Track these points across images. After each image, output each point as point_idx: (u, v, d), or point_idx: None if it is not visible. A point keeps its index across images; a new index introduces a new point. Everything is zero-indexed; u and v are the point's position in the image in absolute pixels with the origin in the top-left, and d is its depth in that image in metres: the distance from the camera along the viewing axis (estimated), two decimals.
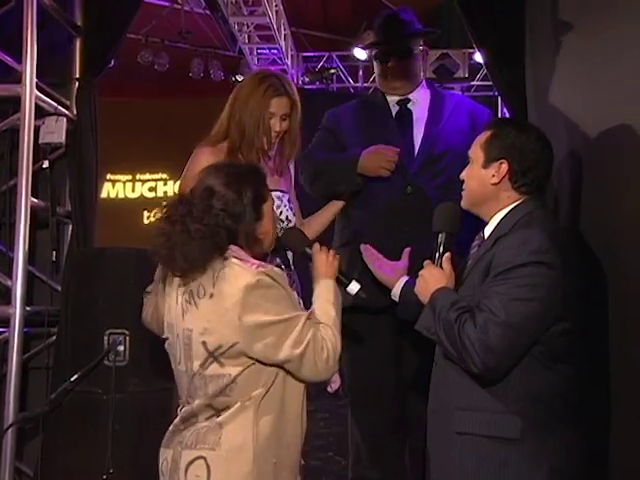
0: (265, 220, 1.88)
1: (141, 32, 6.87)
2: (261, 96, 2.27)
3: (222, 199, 1.81)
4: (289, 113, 2.30)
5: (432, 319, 1.79)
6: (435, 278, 1.85)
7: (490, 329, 1.68)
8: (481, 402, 1.75)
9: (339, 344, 1.82)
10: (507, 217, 1.86)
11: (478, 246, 1.93)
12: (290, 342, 1.75)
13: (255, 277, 1.75)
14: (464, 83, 7.59)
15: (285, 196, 2.33)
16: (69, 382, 2.86)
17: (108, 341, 2.87)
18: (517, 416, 1.72)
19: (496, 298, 1.71)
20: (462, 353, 1.71)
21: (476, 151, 1.90)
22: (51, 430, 2.94)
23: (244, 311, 1.73)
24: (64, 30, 3.41)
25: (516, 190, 1.86)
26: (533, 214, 1.84)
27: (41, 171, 3.31)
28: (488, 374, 1.72)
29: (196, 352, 1.79)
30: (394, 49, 2.68)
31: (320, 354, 1.77)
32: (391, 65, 2.68)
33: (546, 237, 1.75)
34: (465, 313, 1.73)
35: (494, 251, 1.80)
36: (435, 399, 1.90)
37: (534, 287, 1.70)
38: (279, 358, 1.76)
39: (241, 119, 2.27)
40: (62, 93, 3.42)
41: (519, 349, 1.71)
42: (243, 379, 1.76)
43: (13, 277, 3.05)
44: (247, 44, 7.17)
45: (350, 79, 7.90)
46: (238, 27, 6.78)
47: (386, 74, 2.70)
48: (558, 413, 1.75)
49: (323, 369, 1.79)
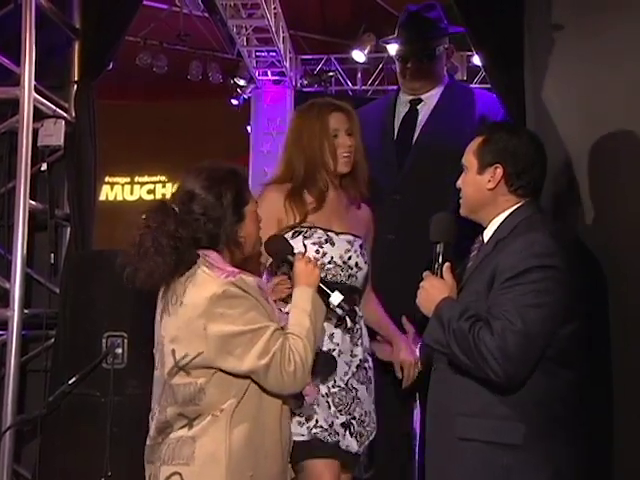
0: (247, 222, 1.87)
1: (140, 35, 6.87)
2: (315, 118, 2.18)
3: (202, 202, 1.81)
4: (351, 128, 2.19)
5: (441, 331, 1.76)
6: (437, 289, 1.83)
7: (508, 337, 1.67)
8: (485, 408, 1.75)
9: (310, 357, 1.78)
10: (506, 221, 1.86)
11: (477, 249, 1.93)
12: (255, 352, 1.72)
13: (222, 287, 1.73)
14: None
15: (357, 241, 2.21)
16: (67, 385, 2.85)
17: (106, 344, 2.86)
18: (521, 422, 1.72)
19: (509, 305, 1.70)
20: (479, 362, 1.69)
21: (469, 158, 1.90)
22: (49, 432, 2.93)
23: (209, 321, 1.72)
24: (63, 33, 3.41)
25: (513, 193, 1.87)
26: (532, 217, 1.85)
27: (39, 174, 3.31)
28: (508, 382, 1.70)
29: (167, 359, 1.80)
30: (414, 51, 2.63)
31: (287, 366, 1.74)
32: (410, 66, 2.63)
33: (551, 240, 1.76)
34: (477, 322, 1.72)
35: (497, 255, 1.79)
36: (435, 404, 1.89)
37: (546, 292, 1.70)
38: (243, 369, 1.73)
39: (300, 152, 2.17)
40: (61, 96, 3.42)
41: (536, 355, 1.71)
42: (212, 388, 1.75)
43: (11, 279, 3.05)
44: (246, 47, 7.16)
45: (349, 82, 7.89)
46: (237, 30, 6.77)
47: (405, 74, 2.66)
48: (560, 416, 1.75)
49: (290, 382, 1.76)
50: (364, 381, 2.21)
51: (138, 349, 2.81)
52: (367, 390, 2.22)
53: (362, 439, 2.18)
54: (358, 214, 2.28)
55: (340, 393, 2.15)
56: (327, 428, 2.11)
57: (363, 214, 2.31)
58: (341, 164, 2.20)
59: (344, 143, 2.18)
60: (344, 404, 2.15)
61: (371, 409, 2.23)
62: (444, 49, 2.73)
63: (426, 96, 2.68)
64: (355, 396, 2.18)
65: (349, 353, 2.19)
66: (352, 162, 2.21)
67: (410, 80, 2.66)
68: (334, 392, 2.15)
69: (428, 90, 2.67)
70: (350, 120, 2.20)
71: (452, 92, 2.73)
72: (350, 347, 2.19)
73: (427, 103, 2.67)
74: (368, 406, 2.21)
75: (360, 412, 2.18)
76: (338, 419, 2.14)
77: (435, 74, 2.69)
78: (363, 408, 2.19)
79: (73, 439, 2.84)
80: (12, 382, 2.99)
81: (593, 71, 2.13)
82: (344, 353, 2.17)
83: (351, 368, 2.19)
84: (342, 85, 7.90)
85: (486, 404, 1.74)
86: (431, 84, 2.67)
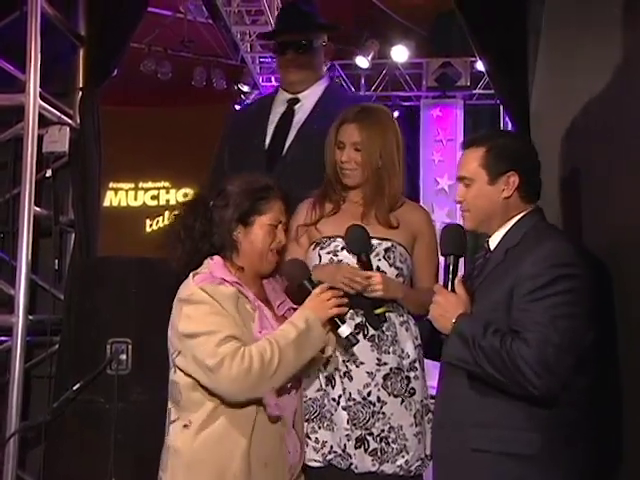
0: (253, 230, 1.92)
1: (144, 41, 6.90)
2: (333, 127, 2.18)
3: (221, 197, 1.94)
4: (362, 143, 2.13)
5: (465, 349, 1.72)
6: (452, 304, 1.79)
7: (546, 350, 1.65)
8: (499, 419, 1.72)
9: (275, 365, 1.77)
10: (514, 228, 1.85)
11: (483, 258, 1.91)
12: (206, 353, 1.77)
13: (191, 290, 1.84)
14: (466, 91, 7.60)
15: (382, 244, 2.13)
16: (71, 391, 2.85)
17: (111, 350, 2.86)
18: (536, 432, 1.70)
19: (541, 316, 1.67)
20: (516, 377, 1.66)
21: (475, 170, 1.85)
22: (53, 439, 2.93)
23: (179, 321, 1.83)
24: (67, 40, 3.42)
25: (522, 199, 1.85)
26: (540, 225, 1.84)
27: (44, 180, 3.32)
28: (548, 394, 1.67)
29: (170, 358, 1.91)
30: (293, 40, 2.59)
31: (238, 367, 1.75)
32: (289, 57, 2.59)
33: (571, 247, 1.75)
34: (506, 335, 1.69)
35: (514, 264, 1.76)
36: (444, 414, 1.86)
37: (575, 302, 1.69)
38: (192, 367, 1.80)
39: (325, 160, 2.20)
40: (65, 102, 3.43)
41: (572, 366, 1.69)
42: (186, 391, 1.83)
43: (16, 286, 3.05)
44: (249, 53, 7.20)
45: (352, 87, 7.90)
46: (240, 36, 6.81)
47: (283, 65, 2.62)
48: (572, 422, 1.74)
49: (241, 384, 1.76)
50: (399, 393, 2.07)
51: (142, 355, 2.82)
52: (402, 403, 2.07)
53: (384, 457, 2.03)
54: (395, 217, 2.18)
55: (356, 406, 2.05)
56: (341, 453, 2.04)
57: (405, 216, 2.19)
58: (344, 177, 2.19)
59: (342, 157, 2.16)
60: (359, 419, 2.05)
61: (406, 424, 2.06)
62: (322, 44, 2.66)
63: (304, 95, 2.61)
64: (377, 410, 2.05)
65: (373, 362, 2.07)
66: (358, 176, 2.16)
67: (289, 71, 2.60)
68: (350, 405, 2.05)
69: (307, 87, 2.60)
70: (361, 134, 2.14)
71: (331, 94, 2.66)
72: (374, 356, 2.08)
73: (304, 103, 2.60)
74: (399, 421, 2.05)
75: (381, 428, 2.05)
76: (353, 433, 2.04)
77: (313, 68, 2.62)
78: (389, 423, 2.05)
79: (77, 445, 2.84)
80: (16, 388, 2.99)
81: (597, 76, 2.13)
82: (365, 363, 2.07)
83: (375, 379, 2.07)
84: (345, 91, 7.91)
85: (500, 414, 1.72)
86: (309, 79, 2.60)
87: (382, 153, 2.15)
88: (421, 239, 2.19)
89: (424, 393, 2.13)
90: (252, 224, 1.92)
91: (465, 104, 7.69)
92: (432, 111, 7.69)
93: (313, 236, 2.20)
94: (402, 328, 2.13)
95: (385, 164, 2.16)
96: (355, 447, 2.05)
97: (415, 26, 7.76)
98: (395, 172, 2.18)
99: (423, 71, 7.70)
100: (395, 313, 2.13)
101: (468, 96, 7.66)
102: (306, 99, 2.61)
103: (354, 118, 2.16)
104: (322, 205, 2.21)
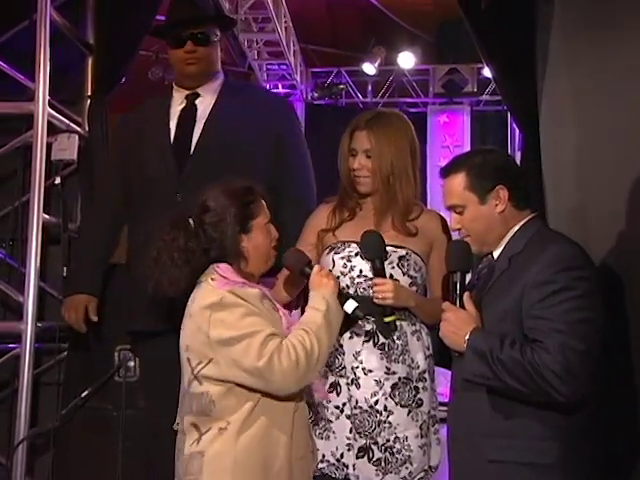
0: (254, 235, 1.92)
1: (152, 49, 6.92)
2: (345, 134, 2.18)
3: (211, 214, 1.90)
4: (373, 150, 2.12)
5: (483, 364, 1.70)
6: (462, 320, 1.78)
7: (570, 356, 1.64)
8: (516, 428, 1.71)
9: (316, 351, 1.79)
10: (516, 236, 1.84)
11: (487, 267, 1.90)
12: (253, 354, 1.74)
13: (219, 295, 1.80)
14: (473, 98, 7.61)
15: (397, 252, 2.12)
16: (80, 398, 2.86)
17: (119, 357, 2.87)
18: (554, 440, 1.69)
19: (559, 322, 1.66)
20: (542, 386, 1.64)
21: (463, 196, 1.84)
22: (62, 446, 2.94)
23: (210, 328, 1.78)
24: (76, 48, 3.44)
25: (516, 208, 1.85)
26: (542, 230, 1.84)
27: (53, 187, 3.32)
28: (574, 400, 1.66)
29: (185, 368, 1.85)
30: (191, 32, 2.46)
31: (287, 360, 1.75)
32: (188, 49, 2.46)
33: (578, 250, 1.75)
34: (524, 346, 1.67)
35: (521, 272, 1.75)
36: (457, 425, 1.85)
37: (590, 306, 1.69)
38: (233, 373, 1.76)
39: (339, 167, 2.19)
40: (74, 110, 3.44)
41: (595, 369, 1.69)
42: (221, 399, 1.78)
43: (25, 293, 3.05)
44: (257, 60, 7.23)
45: (359, 94, 7.93)
46: (248, 43, 6.83)
47: (181, 58, 2.48)
48: (582, 428, 1.73)
49: (293, 376, 1.76)
50: (407, 403, 2.05)
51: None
52: (409, 414, 2.05)
53: (388, 467, 2.02)
54: (413, 225, 2.17)
55: (362, 415, 2.04)
56: (334, 462, 2.04)
57: (422, 224, 2.18)
58: (357, 184, 2.18)
59: (354, 164, 2.15)
60: (364, 427, 2.04)
61: (411, 435, 2.04)
62: (217, 39, 2.56)
63: (203, 89, 2.51)
64: (383, 420, 2.04)
65: (382, 371, 2.06)
66: (371, 183, 2.15)
67: (188, 64, 2.47)
68: (355, 413, 2.04)
69: (206, 81, 2.51)
70: (372, 140, 2.13)
71: (231, 87, 2.57)
72: (384, 364, 2.06)
73: (205, 97, 2.50)
74: (405, 432, 2.04)
75: (387, 437, 2.03)
76: (356, 442, 2.03)
77: (212, 61, 2.52)
78: (395, 433, 2.03)
79: (86, 452, 2.84)
80: (25, 395, 2.99)
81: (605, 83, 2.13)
82: (372, 371, 2.06)
83: (383, 388, 2.05)
84: (352, 97, 7.94)
85: (517, 424, 1.71)
86: (209, 72, 2.51)
87: (393, 160, 2.13)
88: (437, 247, 2.16)
89: (432, 404, 2.12)
90: (251, 229, 1.92)
91: (472, 110, 7.70)
92: (439, 117, 7.70)
93: (328, 240, 2.20)
94: (413, 337, 2.11)
95: (397, 171, 2.14)
96: (357, 456, 2.03)
97: (421, 33, 7.77)
98: (408, 179, 2.15)
99: (430, 77, 7.71)
100: (407, 322, 2.12)
101: (475, 102, 7.66)
102: (206, 93, 2.51)
103: (366, 125, 2.15)
104: (341, 211, 2.21)
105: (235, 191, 1.92)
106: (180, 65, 2.52)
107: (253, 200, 1.94)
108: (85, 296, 2.59)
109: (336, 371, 2.10)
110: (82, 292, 2.60)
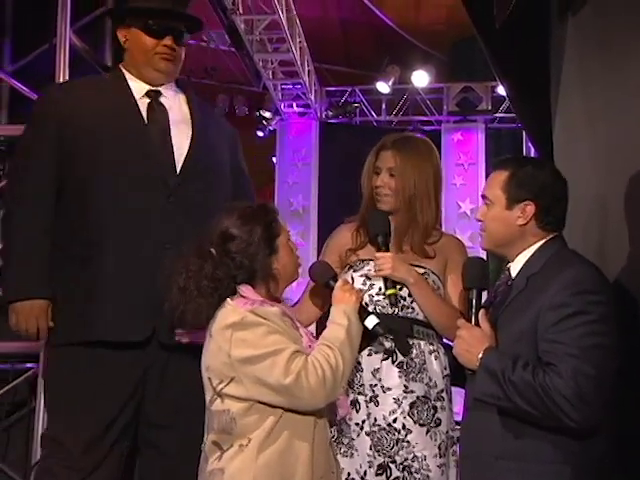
0: (281, 254, 1.92)
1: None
2: (371, 154, 2.21)
3: (236, 241, 1.87)
4: (397, 169, 2.14)
5: (494, 384, 1.69)
6: (476, 339, 1.77)
7: (582, 382, 1.62)
8: (528, 451, 1.69)
9: (341, 367, 1.79)
10: (535, 255, 1.84)
11: (505, 284, 1.90)
12: (279, 373, 1.74)
13: (240, 315, 1.79)
14: (487, 115, 7.61)
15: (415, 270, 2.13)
16: None
17: None
18: (566, 464, 1.67)
19: (573, 346, 1.65)
20: (552, 410, 1.63)
21: (495, 192, 1.87)
22: None
23: (232, 348, 1.78)
24: (95, 71, 3.49)
25: (542, 228, 1.85)
26: (561, 252, 1.83)
27: None
28: (587, 426, 1.65)
29: (207, 387, 1.85)
30: (173, 27, 2.29)
31: (315, 377, 1.75)
32: (167, 44, 2.27)
33: (596, 273, 1.74)
34: (537, 368, 1.66)
35: (537, 293, 1.75)
36: (469, 446, 1.84)
37: (605, 332, 1.67)
38: (256, 391, 1.75)
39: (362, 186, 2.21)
40: None
41: (606, 395, 1.67)
42: (242, 417, 1.78)
43: None
44: (271, 80, 7.28)
45: (373, 113, 7.96)
46: (262, 63, 6.89)
47: (156, 52, 2.28)
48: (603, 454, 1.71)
49: (321, 392, 1.76)
50: (425, 422, 2.05)
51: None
52: (428, 433, 2.05)
53: None
54: (432, 248, 2.18)
55: (380, 433, 2.04)
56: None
57: (440, 247, 2.19)
58: (378, 202, 2.20)
59: (377, 181, 2.17)
60: (383, 445, 2.03)
61: (430, 454, 2.03)
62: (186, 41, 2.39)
63: (164, 89, 2.32)
64: (401, 438, 2.04)
65: (400, 389, 2.07)
66: (392, 202, 2.17)
67: (163, 59, 2.28)
68: (374, 431, 2.04)
69: (165, 82, 2.33)
70: (398, 160, 2.15)
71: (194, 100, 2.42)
72: (402, 382, 2.07)
73: (168, 99, 2.32)
74: (424, 451, 2.03)
75: (405, 456, 2.03)
76: (375, 460, 2.03)
77: (180, 64, 2.36)
78: (413, 452, 2.03)
79: None
80: (42, 414, 3.01)
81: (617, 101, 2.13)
82: (391, 389, 2.07)
83: (402, 406, 2.05)
84: (367, 116, 7.97)
85: (527, 447, 1.69)
86: (175, 74, 2.36)
87: (416, 181, 2.16)
88: (450, 265, 2.18)
89: (450, 424, 2.11)
90: (278, 249, 1.92)
91: (487, 127, 7.69)
92: (453, 135, 7.70)
93: (349, 259, 2.21)
94: (431, 357, 2.12)
95: (419, 193, 2.16)
96: (376, 474, 2.02)
97: (435, 51, 7.81)
98: (429, 203, 2.17)
99: (444, 96, 7.73)
100: (425, 341, 2.12)
101: (490, 120, 7.66)
102: (168, 93, 2.34)
103: (392, 145, 2.19)
104: (365, 230, 2.22)
105: (253, 213, 1.92)
106: (151, 57, 2.29)
107: (273, 219, 1.94)
108: (45, 302, 2.18)
109: (355, 388, 2.10)
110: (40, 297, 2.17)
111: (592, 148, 2.37)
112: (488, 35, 3.07)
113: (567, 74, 2.66)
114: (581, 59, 2.52)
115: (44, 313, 2.17)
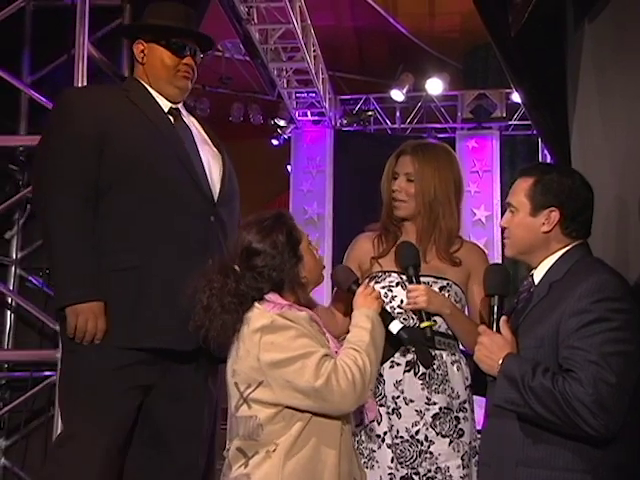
0: (306, 260, 1.91)
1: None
2: (390, 159, 2.20)
3: (261, 255, 1.87)
4: (415, 174, 2.13)
5: (514, 391, 1.69)
6: (497, 345, 1.77)
7: (602, 389, 1.61)
8: (548, 458, 1.68)
9: (369, 369, 1.79)
10: (558, 262, 1.83)
11: (527, 291, 1.89)
12: (309, 376, 1.74)
13: (269, 319, 1.79)
14: (502, 123, 7.59)
15: (438, 283, 2.12)
16: None
17: None
18: (587, 473, 1.65)
19: (594, 353, 1.64)
20: (572, 418, 1.62)
21: (520, 199, 1.87)
22: None
23: (261, 351, 1.77)
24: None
25: (566, 235, 1.84)
26: (585, 259, 1.82)
27: None
28: (607, 434, 1.63)
29: (232, 393, 1.85)
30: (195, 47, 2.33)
31: (345, 380, 1.75)
32: (187, 62, 2.30)
33: (619, 280, 1.73)
34: (557, 375, 1.65)
35: (559, 299, 1.74)
36: (489, 452, 1.83)
37: (627, 339, 1.66)
38: (286, 394, 1.75)
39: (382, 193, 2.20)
40: None
41: (627, 402, 1.65)
42: (269, 423, 1.77)
43: None
44: (286, 88, 7.32)
45: (387, 120, 7.96)
46: (277, 72, 6.93)
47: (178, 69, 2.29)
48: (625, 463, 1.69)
49: (351, 395, 1.76)
50: (448, 434, 2.04)
51: None
52: (451, 444, 2.04)
53: None
54: (455, 255, 2.17)
55: (403, 445, 2.03)
56: None
57: (463, 256, 2.17)
58: (394, 207, 2.19)
59: (394, 186, 2.16)
60: (405, 457, 2.02)
61: (453, 465, 2.02)
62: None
63: (180, 106, 2.36)
64: (424, 450, 2.03)
65: (422, 401, 2.05)
66: (409, 207, 2.16)
67: (184, 77, 2.31)
68: (396, 443, 2.03)
69: (183, 99, 2.37)
70: (416, 165, 2.14)
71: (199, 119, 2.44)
72: (424, 394, 2.06)
73: (184, 114, 2.36)
74: (447, 462, 2.02)
75: (428, 468, 2.01)
76: (398, 472, 2.02)
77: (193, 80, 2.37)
78: (436, 464, 2.02)
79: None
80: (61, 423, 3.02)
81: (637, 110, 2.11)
82: (414, 401, 2.05)
83: (424, 418, 2.04)
84: (381, 124, 7.98)
85: (549, 454, 1.68)
86: (188, 92, 2.38)
87: (437, 187, 2.14)
88: (474, 276, 2.16)
89: (472, 435, 2.10)
90: (302, 255, 1.91)
91: (501, 135, 7.67)
92: (468, 142, 7.68)
93: (370, 268, 2.20)
94: (453, 367, 2.11)
95: (439, 199, 2.14)
96: None
97: (449, 59, 7.81)
98: (451, 210, 2.16)
99: (458, 103, 7.72)
100: (447, 352, 2.11)
101: (504, 127, 7.64)
102: (183, 111, 2.38)
103: (412, 150, 2.18)
104: (387, 238, 2.21)
105: (272, 225, 1.90)
106: (174, 74, 2.31)
107: (292, 226, 1.93)
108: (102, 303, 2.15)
109: (377, 400, 2.09)
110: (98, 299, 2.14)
111: (611, 155, 2.35)
112: (503, 43, 3.06)
113: (584, 81, 2.64)
114: (598, 68, 2.51)
115: (103, 314, 2.14)
